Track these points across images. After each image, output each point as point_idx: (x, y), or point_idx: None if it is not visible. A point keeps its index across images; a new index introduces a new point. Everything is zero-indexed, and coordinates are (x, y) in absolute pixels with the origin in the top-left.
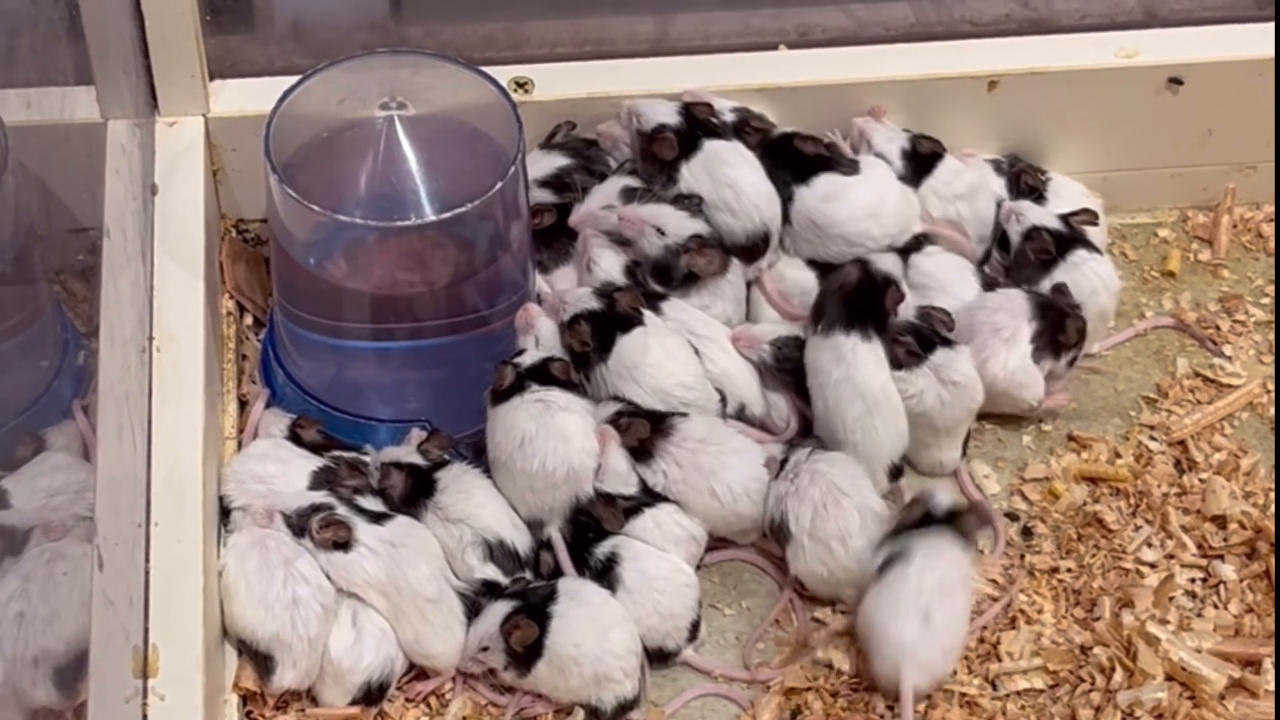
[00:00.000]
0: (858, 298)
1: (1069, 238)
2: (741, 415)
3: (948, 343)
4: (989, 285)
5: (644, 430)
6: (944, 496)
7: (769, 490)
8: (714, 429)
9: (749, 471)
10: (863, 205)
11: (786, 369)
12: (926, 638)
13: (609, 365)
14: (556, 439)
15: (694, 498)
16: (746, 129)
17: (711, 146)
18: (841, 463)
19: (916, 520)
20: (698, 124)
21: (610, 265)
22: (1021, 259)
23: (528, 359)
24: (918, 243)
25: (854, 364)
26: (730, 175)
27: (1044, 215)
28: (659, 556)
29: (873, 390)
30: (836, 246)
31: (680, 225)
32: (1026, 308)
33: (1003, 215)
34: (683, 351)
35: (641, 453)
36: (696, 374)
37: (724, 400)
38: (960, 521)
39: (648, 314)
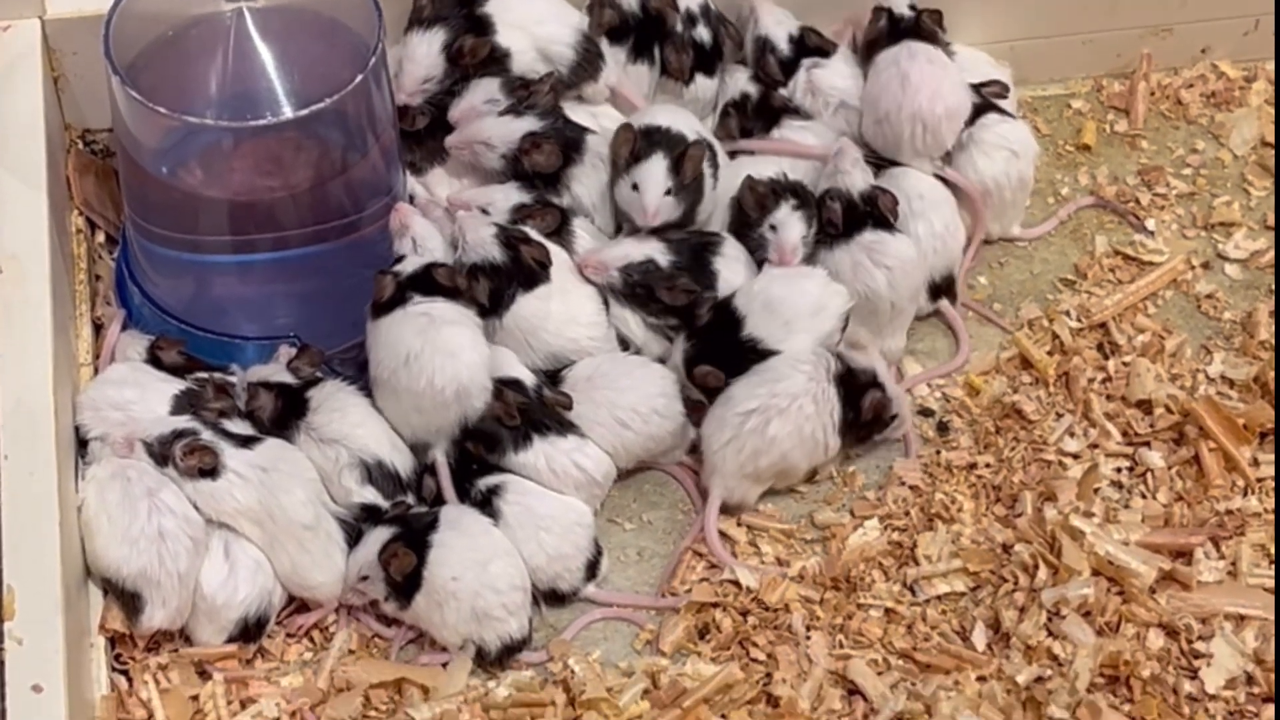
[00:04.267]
0: None
1: (978, 107)
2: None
3: (883, 224)
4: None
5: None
6: None
7: None
8: (600, 364)
9: (649, 388)
10: None
11: (638, 294)
12: None
13: (503, 322)
14: (444, 355)
15: (605, 434)
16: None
17: (494, 6)
18: None
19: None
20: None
21: (505, 199)
22: None
23: (408, 266)
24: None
25: None
26: (530, 9)
27: None
28: (545, 492)
29: None
30: None
31: (508, 130)
32: None
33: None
34: (588, 307)
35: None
36: (599, 332)
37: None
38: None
39: (556, 251)
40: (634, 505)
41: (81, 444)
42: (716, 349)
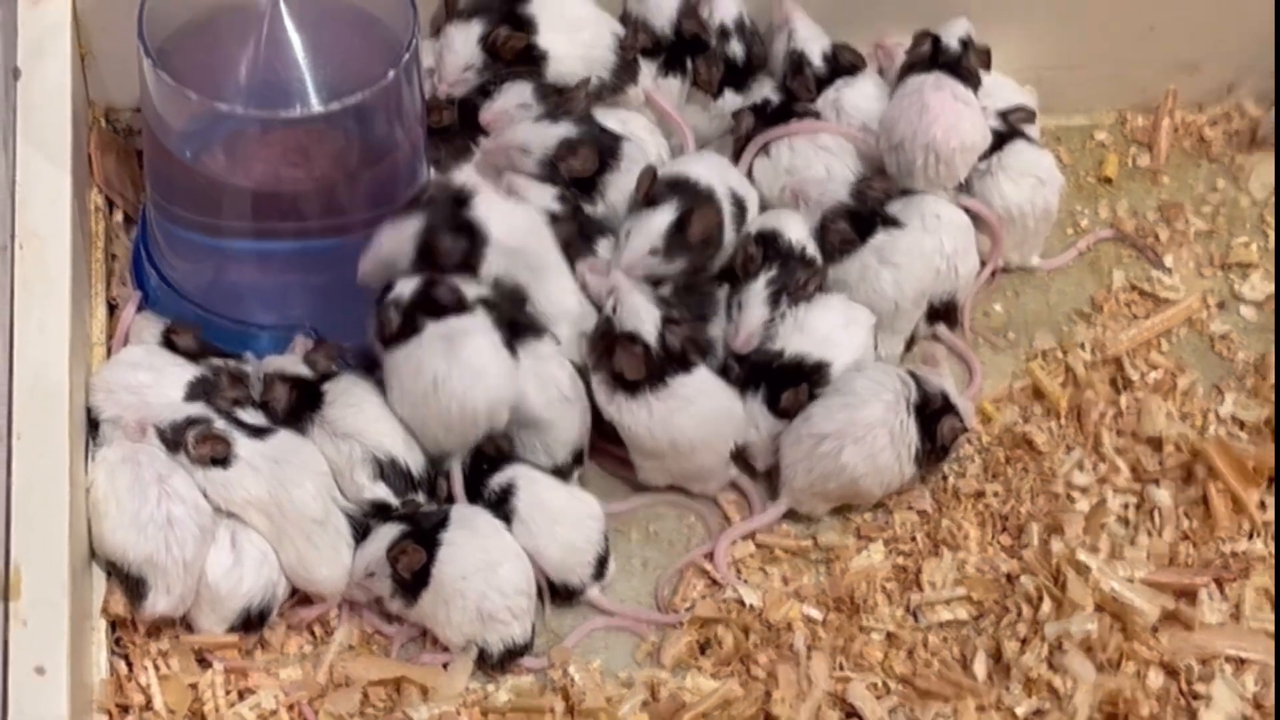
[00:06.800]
0: None
1: (1005, 134)
2: None
3: (890, 221)
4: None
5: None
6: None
7: None
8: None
9: (714, 403)
10: None
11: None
12: None
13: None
14: (471, 375)
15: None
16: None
17: (535, 6)
18: None
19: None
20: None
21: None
22: None
23: (405, 291)
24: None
25: None
26: (573, 13)
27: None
28: (558, 485)
29: None
30: None
31: (544, 135)
32: None
33: None
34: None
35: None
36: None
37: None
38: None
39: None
40: (640, 517)
41: (93, 425)
42: (774, 381)
